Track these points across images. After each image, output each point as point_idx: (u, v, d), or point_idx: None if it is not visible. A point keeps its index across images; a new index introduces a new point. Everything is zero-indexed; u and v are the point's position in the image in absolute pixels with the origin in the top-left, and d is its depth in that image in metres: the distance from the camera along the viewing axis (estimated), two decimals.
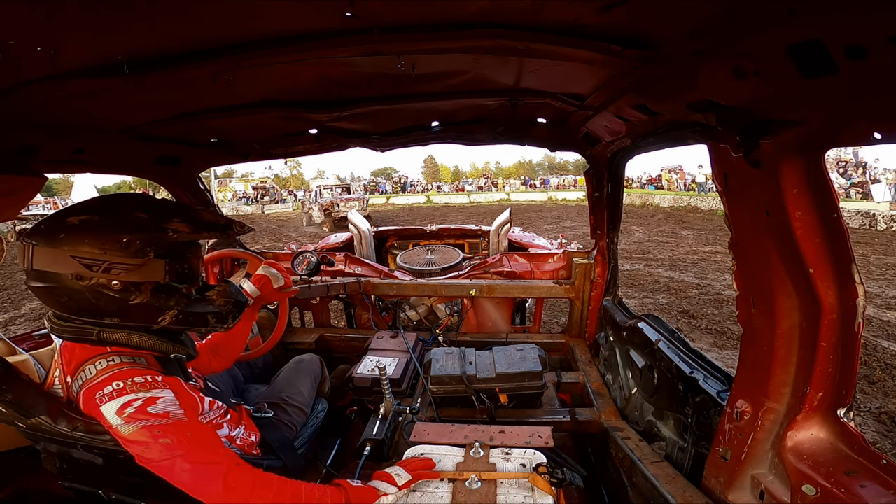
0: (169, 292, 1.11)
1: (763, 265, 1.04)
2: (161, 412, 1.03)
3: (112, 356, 1.08)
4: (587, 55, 1.04)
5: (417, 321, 2.96)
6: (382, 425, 1.54)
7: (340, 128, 1.98)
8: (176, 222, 1.10)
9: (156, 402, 1.04)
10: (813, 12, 0.64)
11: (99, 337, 1.08)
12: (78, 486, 1.09)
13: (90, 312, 1.05)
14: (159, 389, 1.06)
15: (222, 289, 1.24)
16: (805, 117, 0.82)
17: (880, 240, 10.86)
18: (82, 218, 1.04)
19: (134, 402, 1.02)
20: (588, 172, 2.28)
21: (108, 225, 1.05)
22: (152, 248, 1.06)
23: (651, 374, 1.75)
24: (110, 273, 1.03)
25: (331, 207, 17.98)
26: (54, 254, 1.01)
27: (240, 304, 1.27)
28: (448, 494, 1.09)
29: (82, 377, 1.07)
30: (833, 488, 0.90)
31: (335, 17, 0.87)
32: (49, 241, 1.02)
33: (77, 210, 1.07)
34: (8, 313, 6.83)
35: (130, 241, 1.04)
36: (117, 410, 1.01)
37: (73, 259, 1.01)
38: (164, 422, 1.02)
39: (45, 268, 1.02)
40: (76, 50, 0.90)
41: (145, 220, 1.08)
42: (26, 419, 1.01)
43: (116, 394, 1.02)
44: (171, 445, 1.01)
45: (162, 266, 1.08)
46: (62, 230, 1.03)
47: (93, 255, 1.02)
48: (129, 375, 1.05)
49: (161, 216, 1.10)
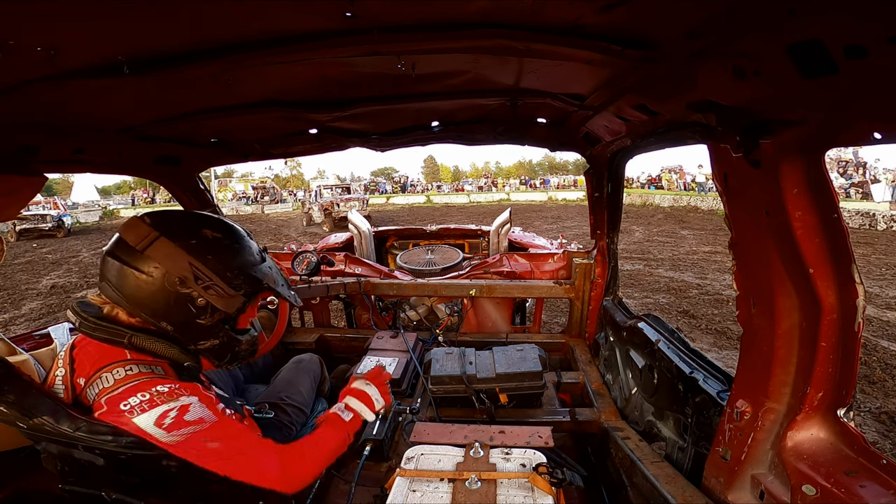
0: (224, 324, 1.21)
1: (763, 265, 1.04)
2: (197, 418, 1.06)
3: (130, 365, 1.08)
4: (587, 55, 1.04)
5: (417, 321, 2.96)
6: (382, 425, 1.54)
7: (340, 128, 1.98)
8: (268, 276, 1.24)
9: (189, 410, 1.06)
10: (813, 12, 0.64)
11: (130, 342, 1.10)
12: (78, 489, 1.09)
13: (152, 310, 1.10)
14: (185, 396, 1.08)
15: (252, 338, 1.33)
16: (805, 117, 0.82)
17: (880, 240, 10.87)
18: (217, 236, 1.16)
19: (169, 412, 1.03)
20: (588, 172, 2.28)
21: (234, 254, 1.18)
22: (245, 289, 1.18)
23: (651, 374, 1.75)
24: (207, 291, 1.12)
25: (331, 207, 18.00)
26: (177, 252, 1.09)
27: (253, 353, 1.36)
28: (448, 494, 1.09)
29: (100, 384, 1.06)
30: (833, 488, 0.90)
31: (335, 18, 0.87)
32: (178, 240, 1.10)
33: (212, 225, 1.18)
34: (8, 313, 6.83)
35: (238, 275, 1.16)
36: (155, 422, 1.02)
37: (190, 265, 1.10)
38: (203, 427, 1.06)
39: (157, 258, 1.08)
40: (76, 50, 0.90)
41: (255, 262, 1.23)
42: (28, 420, 1.01)
43: (147, 405, 1.03)
44: (221, 448, 1.07)
45: (241, 303, 1.19)
46: (195, 237, 1.12)
47: (206, 271, 1.11)
48: (151, 385, 1.06)
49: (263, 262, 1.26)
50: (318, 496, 1.57)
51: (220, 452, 1.06)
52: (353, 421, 1.32)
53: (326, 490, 1.66)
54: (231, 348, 1.25)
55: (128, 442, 1.02)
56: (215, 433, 1.07)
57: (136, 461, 1.05)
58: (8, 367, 1.06)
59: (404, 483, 1.13)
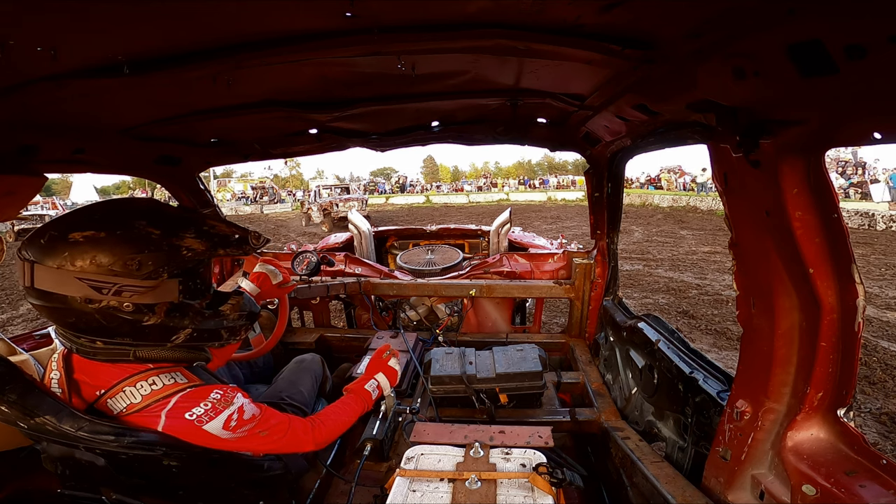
0: (183, 311, 1.07)
1: (763, 265, 1.04)
2: (251, 415, 1.14)
3: (159, 374, 1.08)
4: (587, 55, 1.04)
5: (417, 321, 2.96)
6: (382, 425, 1.54)
7: (340, 128, 1.98)
8: (190, 239, 1.03)
9: (244, 410, 1.13)
10: (813, 12, 0.64)
11: (136, 356, 1.06)
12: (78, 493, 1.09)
13: (101, 332, 1.01)
14: (236, 397, 1.13)
15: (236, 302, 1.20)
16: (805, 117, 0.82)
17: (880, 240, 10.87)
18: (86, 234, 0.93)
19: (232, 416, 1.09)
20: (588, 172, 2.28)
21: (117, 244, 0.95)
22: (165, 269, 0.99)
23: (651, 374, 1.75)
24: (121, 296, 0.96)
25: (330, 208, 17.98)
26: (58, 274, 0.92)
27: (252, 316, 1.27)
28: (448, 494, 1.09)
29: (132, 395, 1.05)
30: (833, 488, 0.90)
31: (335, 17, 0.87)
32: (50, 260, 0.92)
33: (79, 223, 0.96)
34: (6, 313, 6.82)
35: (142, 262, 0.96)
36: (223, 426, 1.08)
37: (80, 281, 0.92)
38: (256, 421, 1.15)
39: (49, 289, 0.93)
40: (76, 50, 0.90)
41: (157, 238, 0.99)
42: (30, 419, 1.00)
43: (213, 412, 1.07)
44: (269, 434, 1.18)
45: (175, 286, 1.03)
46: (65, 248, 0.92)
47: (101, 277, 0.93)
48: (206, 393, 1.09)
49: (173, 232, 1.01)
50: (318, 496, 1.57)
51: (269, 438, 1.18)
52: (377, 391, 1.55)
53: (326, 490, 1.66)
54: (215, 326, 1.15)
55: (129, 442, 1.02)
56: (264, 424, 1.17)
57: (138, 461, 1.05)
58: (9, 366, 1.06)
59: (404, 483, 1.13)
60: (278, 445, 1.22)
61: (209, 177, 27.87)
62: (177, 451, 1.07)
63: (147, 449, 1.03)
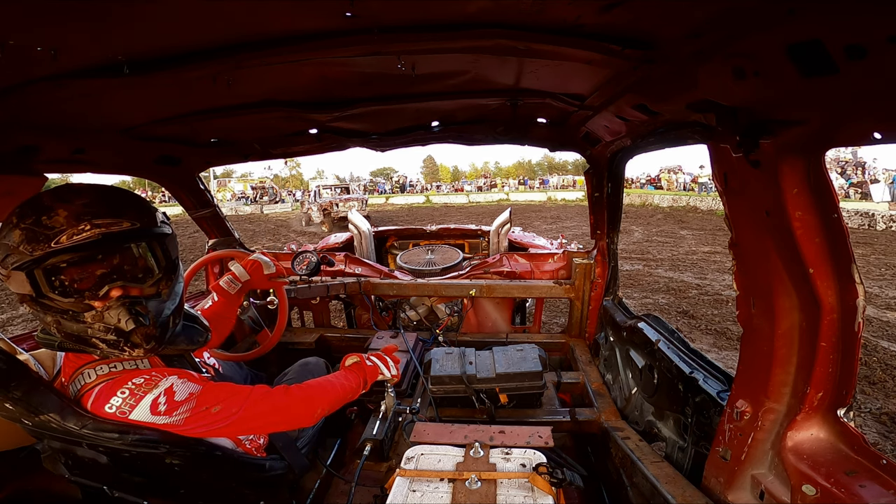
0: (44, 307, 0.97)
1: (763, 265, 1.04)
2: (187, 394, 1.07)
3: (102, 365, 1.07)
4: (587, 55, 1.04)
5: (417, 321, 2.96)
6: (382, 425, 1.54)
7: (340, 128, 1.98)
8: (16, 231, 0.92)
9: (174, 390, 1.06)
10: (813, 12, 0.64)
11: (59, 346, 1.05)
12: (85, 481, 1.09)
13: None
14: (163, 378, 1.07)
15: (100, 313, 0.98)
16: (805, 117, 0.82)
17: (879, 240, 10.87)
18: None
19: (158, 399, 1.03)
20: (588, 172, 2.28)
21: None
22: (7, 258, 0.92)
23: (651, 374, 1.75)
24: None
25: (330, 208, 17.98)
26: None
27: (125, 334, 1.01)
28: (448, 494, 1.09)
29: (80, 381, 1.07)
30: (833, 488, 0.90)
31: (335, 17, 0.87)
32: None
33: None
34: (6, 314, 6.82)
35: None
36: (150, 411, 1.02)
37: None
38: (195, 400, 1.07)
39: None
40: (76, 50, 0.90)
41: (5, 225, 0.93)
42: (34, 417, 1.01)
43: (132, 398, 1.02)
44: (225, 408, 1.09)
45: (23, 278, 0.92)
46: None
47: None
48: (127, 378, 1.05)
49: (10, 220, 0.93)
50: (318, 496, 1.57)
51: (228, 413, 1.09)
52: (371, 370, 1.49)
53: (326, 490, 1.66)
54: (80, 333, 1.00)
55: (133, 440, 1.02)
56: (209, 398, 1.08)
57: (140, 459, 1.05)
58: (15, 363, 1.06)
59: (404, 483, 1.13)
60: (250, 422, 1.13)
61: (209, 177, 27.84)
62: (180, 450, 1.07)
63: (150, 447, 1.03)
